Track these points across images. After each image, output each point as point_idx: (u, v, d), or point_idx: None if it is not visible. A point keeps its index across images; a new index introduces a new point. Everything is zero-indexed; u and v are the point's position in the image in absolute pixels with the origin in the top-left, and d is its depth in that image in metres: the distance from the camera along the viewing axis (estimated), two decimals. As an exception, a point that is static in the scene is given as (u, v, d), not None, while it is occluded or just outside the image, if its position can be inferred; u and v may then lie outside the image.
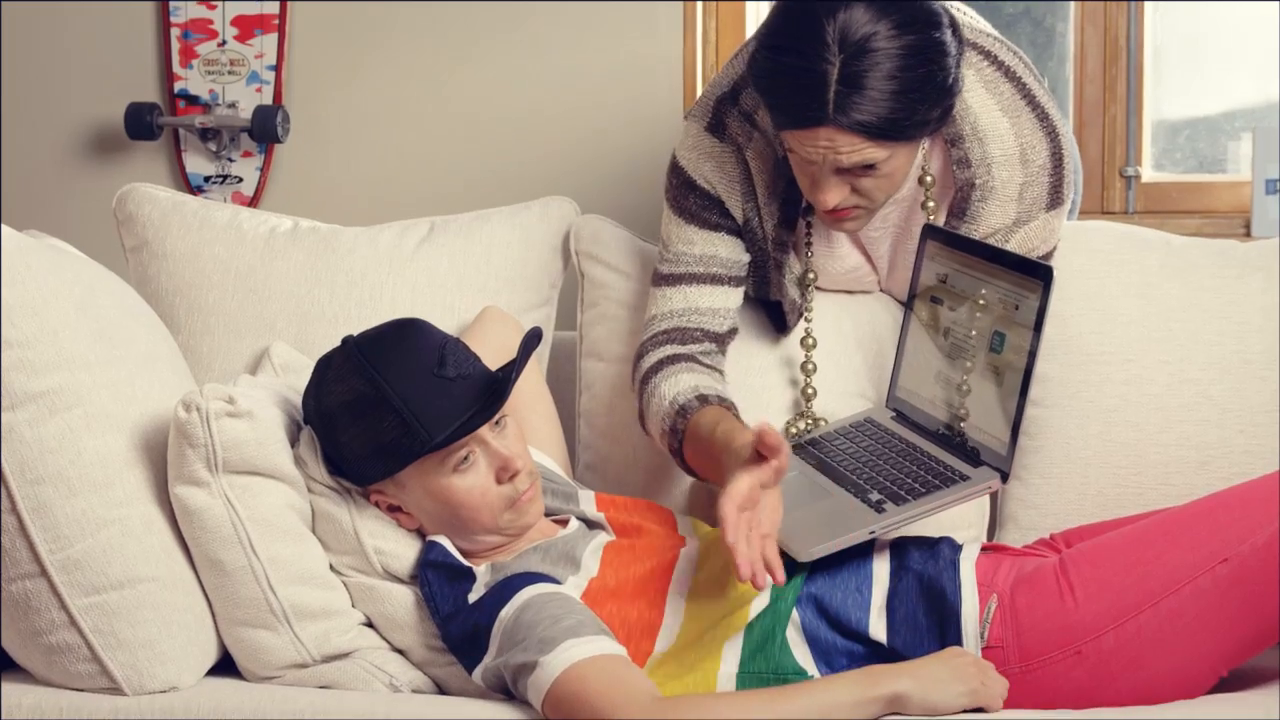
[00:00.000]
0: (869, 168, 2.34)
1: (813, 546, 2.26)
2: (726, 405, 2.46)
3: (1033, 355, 2.27)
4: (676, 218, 2.64)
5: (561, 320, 2.91)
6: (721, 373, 2.59)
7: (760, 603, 2.28)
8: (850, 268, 2.70)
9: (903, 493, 2.33)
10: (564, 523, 2.42)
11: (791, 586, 2.29)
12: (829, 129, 2.28)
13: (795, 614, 2.27)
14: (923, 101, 2.30)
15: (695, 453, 2.44)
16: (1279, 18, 3.27)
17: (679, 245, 2.63)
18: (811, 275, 2.64)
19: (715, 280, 2.61)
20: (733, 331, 2.63)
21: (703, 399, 2.46)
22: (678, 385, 2.49)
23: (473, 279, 2.78)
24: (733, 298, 2.63)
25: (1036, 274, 2.28)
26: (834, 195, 2.37)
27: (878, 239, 2.67)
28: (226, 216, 2.81)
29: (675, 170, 2.65)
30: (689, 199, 2.62)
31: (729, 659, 2.24)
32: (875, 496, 2.34)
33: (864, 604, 2.28)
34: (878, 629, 2.27)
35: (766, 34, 2.35)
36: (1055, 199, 2.59)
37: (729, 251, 2.62)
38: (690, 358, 2.55)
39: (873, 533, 2.28)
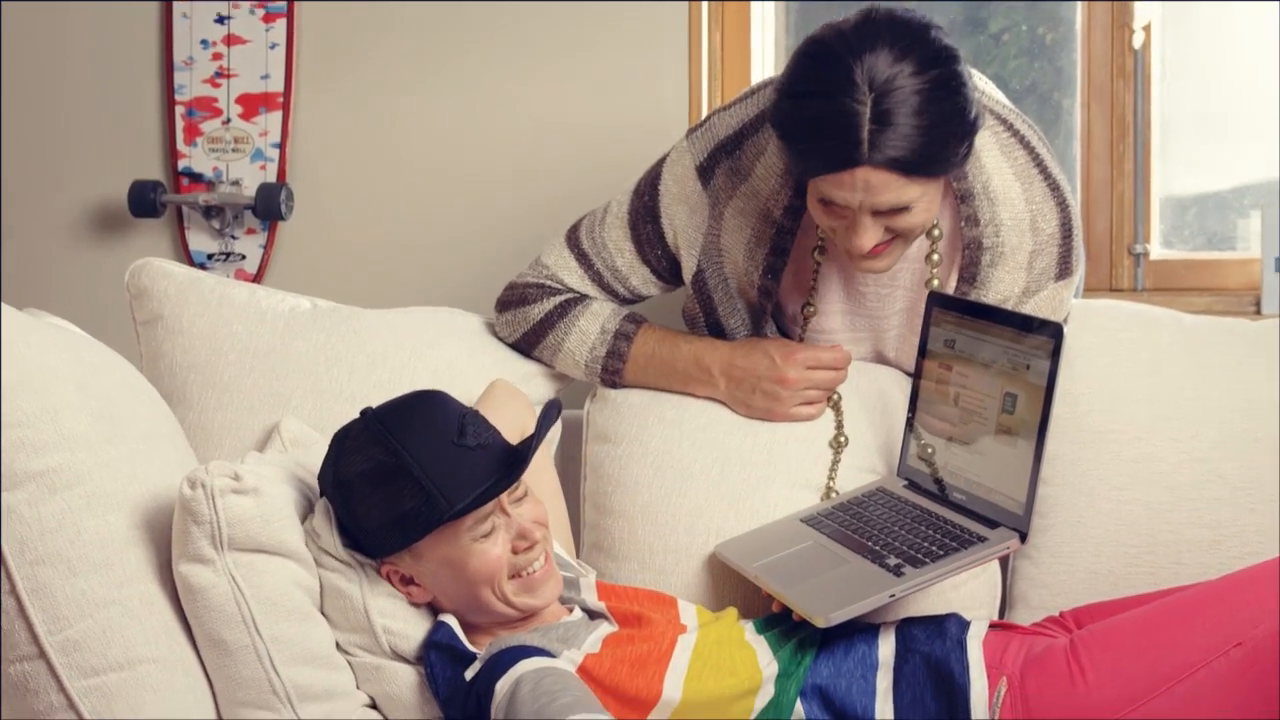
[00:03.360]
0: (902, 209, 2.36)
1: (833, 611, 2.25)
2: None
3: (1046, 413, 2.28)
4: (625, 225, 2.74)
5: (569, 401, 2.91)
6: None
7: (765, 696, 2.27)
8: (832, 328, 2.73)
9: (920, 556, 2.32)
10: (570, 609, 2.41)
11: (794, 679, 2.27)
12: (865, 169, 2.30)
13: (799, 706, 2.26)
14: (951, 133, 2.32)
15: (649, 363, 2.72)
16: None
17: (610, 244, 2.75)
18: (811, 308, 2.70)
19: (611, 294, 2.80)
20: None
21: (632, 318, 2.76)
22: (602, 312, 2.76)
23: (491, 370, 2.79)
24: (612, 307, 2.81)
25: (1045, 332, 2.30)
26: (871, 237, 2.40)
27: (887, 316, 2.67)
28: (245, 295, 2.81)
29: (652, 190, 2.72)
30: (645, 225, 2.72)
31: (734, 751, 2.23)
32: (893, 561, 2.33)
33: (869, 690, 2.27)
34: (884, 713, 2.25)
35: (789, 82, 2.36)
36: (1064, 269, 2.60)
37: (640, 282, 2.78)
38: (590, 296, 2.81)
39: (893, 595, 2.27)
